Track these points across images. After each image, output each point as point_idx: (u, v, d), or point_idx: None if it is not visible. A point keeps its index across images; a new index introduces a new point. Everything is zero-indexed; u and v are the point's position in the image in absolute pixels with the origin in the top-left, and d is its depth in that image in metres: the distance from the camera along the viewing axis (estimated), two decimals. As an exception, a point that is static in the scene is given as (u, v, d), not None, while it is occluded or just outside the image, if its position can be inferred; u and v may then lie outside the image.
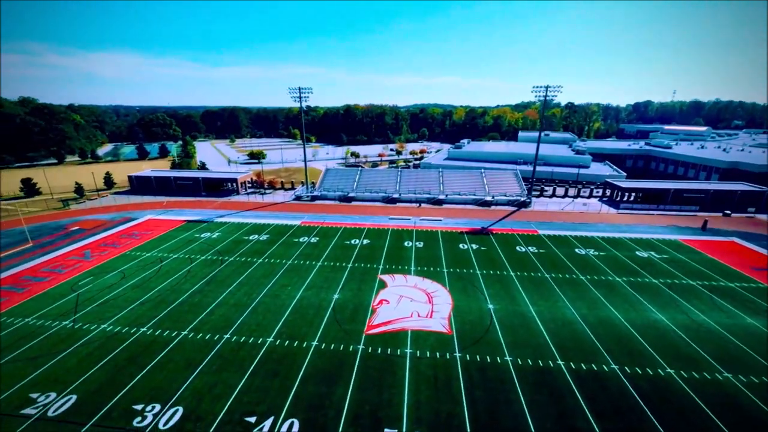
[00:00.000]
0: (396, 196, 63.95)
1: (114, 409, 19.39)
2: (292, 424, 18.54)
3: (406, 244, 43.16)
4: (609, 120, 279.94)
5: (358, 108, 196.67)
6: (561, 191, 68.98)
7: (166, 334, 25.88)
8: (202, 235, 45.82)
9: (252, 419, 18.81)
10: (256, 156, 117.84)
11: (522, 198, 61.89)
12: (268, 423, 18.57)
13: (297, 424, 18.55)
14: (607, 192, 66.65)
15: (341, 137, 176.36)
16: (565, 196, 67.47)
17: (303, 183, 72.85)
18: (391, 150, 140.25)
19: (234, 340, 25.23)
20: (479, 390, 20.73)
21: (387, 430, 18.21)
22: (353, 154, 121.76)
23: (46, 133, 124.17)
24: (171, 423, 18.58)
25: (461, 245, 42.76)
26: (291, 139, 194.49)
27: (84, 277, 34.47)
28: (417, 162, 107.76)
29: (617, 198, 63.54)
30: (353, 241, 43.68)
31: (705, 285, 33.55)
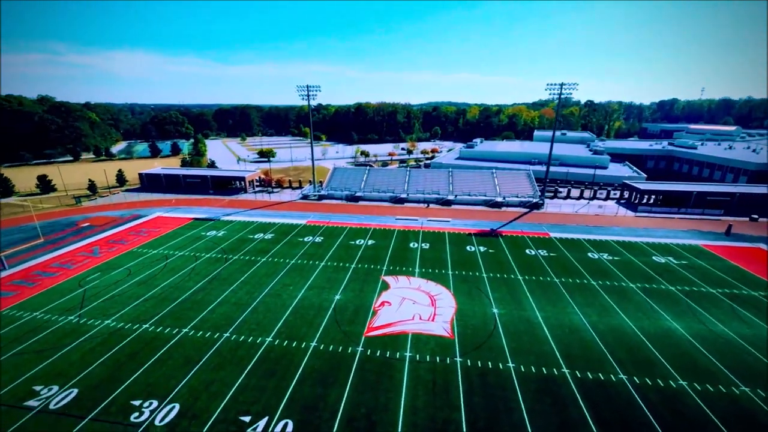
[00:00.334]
0: (404, 196, 63.84)
1: (112, 404, 19.96)
2: (286, 424, 18.72)
3: (411, 245, 43.03)
4: (631, 119, 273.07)
5: (369, 106, 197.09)
6: (576, 193, 67.59)
7: (167, 331, 26.49)
8: (208, 233, 46.73)
9: (246, 419, 19.08)
10: (265, 154, 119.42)
11: (534, 199, 60.90)
12: (262, 423, 18.80)
13: (291, 425, 18.72)
14: (625, 194, 64.96)
15: (352, 136, 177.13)
16: (581, 197, 66.06)
17: (311, 182, 73.48)
18: (402, 149, 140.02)
19: (233, 338, 25.64)
20: (478, 396, 20.50)
21: (381, 434, 18.20)
22: (363, 153, 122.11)
23: (62, 131, 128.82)
24: (167, 420, 19.01)
25: (468, 247, 42.38)
26: (302, 138, 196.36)
27: (91, 273, 35.61)
28: (428, 161, 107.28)
29: (635, 200, 61.84)
30: (358, 242, 43.81)
31: (726, 293, 32.33)
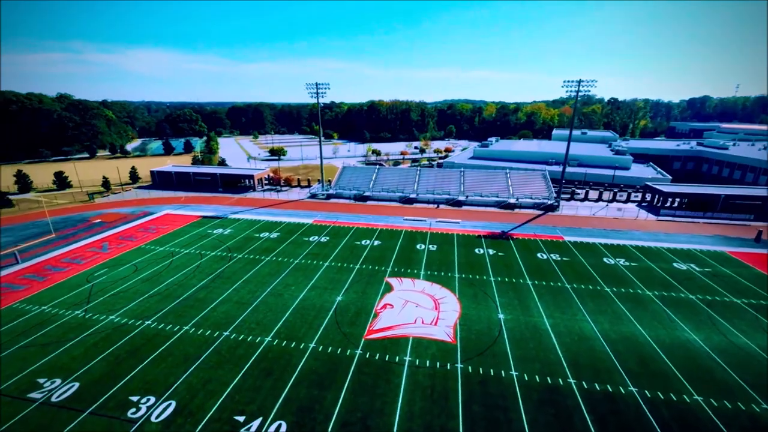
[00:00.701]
0: (413, 196, 63.64)
1: (111, 399, 20.60)
2: (279, 426, 18.92)
3: (418, 246, 42.86)
4: (659, 117, 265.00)
5: (382, 104, 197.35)
6: (594, 195, 65.95)
7: (168, 328, 27.16)
8: (214, 231, 47.70)
9: (241, 418, 19.37)
10: (276, 152, 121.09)
11: (549, 201, 59.74)
12: (256, 423, 19.05)
13: (284, 426, 18.91)
14: (647, 196, 63.00)
15: (364, 134, 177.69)
16: (599, 200, 64.42)
17: (319, 181, 74.09)
18: (415, 148, 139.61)
19: (233, 337, 26.08)
20: (478, 405, 20.24)
21: (375, 439, 18.19)
22: (374, 151, 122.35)
23: (79, 128, 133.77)
24: (163, 416, 19.48)
25: (477, 250, 41.91)
26: (314, 136, 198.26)
27: (99, 269, 36.85)
28: (441, 161, 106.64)
29: (658, 203, 59.90)
30: (364, 242, 43.91)
31: (751, 304, 30.96)
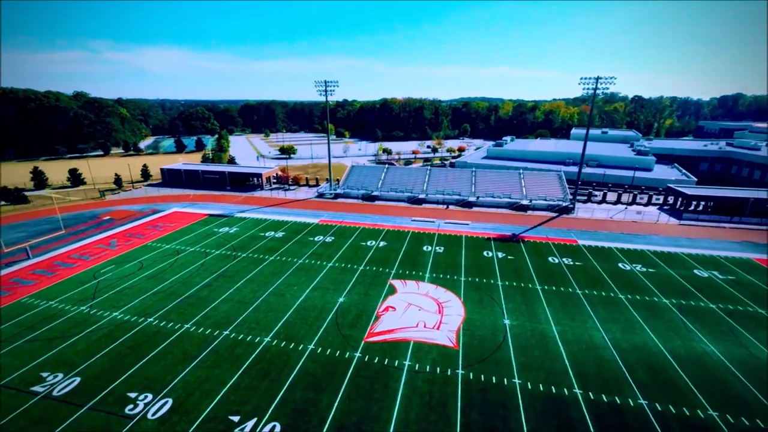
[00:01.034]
0: (422, 196, 63.40)
1: (110, 395, 21.20)
2: (273, 427, 19.11)
3: (425, 248, 42.66)
4: (687, 116, 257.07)
5: (395, 102, 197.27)
6: (613, 197, 64.37)
7: (170, 326, 27.78)
8: (220, 230, 48.56)
9: (236, 418, 19.66)
10: (286, 151, 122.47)
11: (564, 203, 58.60)
12: (250, 424, 19.30)
13: (279, 427, 19.10)
14: (670, 199, 61.12)
15: (376, 132, 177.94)
16: (618, 202, 62.84)
17: (328, 180, 74.57)
18: (428, 147, 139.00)
19: (232, 336, 26.50)
20: (476, 413, 20.00)
21: (369, 445, 18.19)
22: (385, 150, 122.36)
23: (94, 126, 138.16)
24: (159, 414, 19.94)
25: (486, 253, 41.45)
26: (325, 134, 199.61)
27: (106, 266, 37.98)
28: (453, 160, 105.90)
29: (681, 207, 58.05)
30: (369, 243, 43.97)
31: (778, 315, 29.68)
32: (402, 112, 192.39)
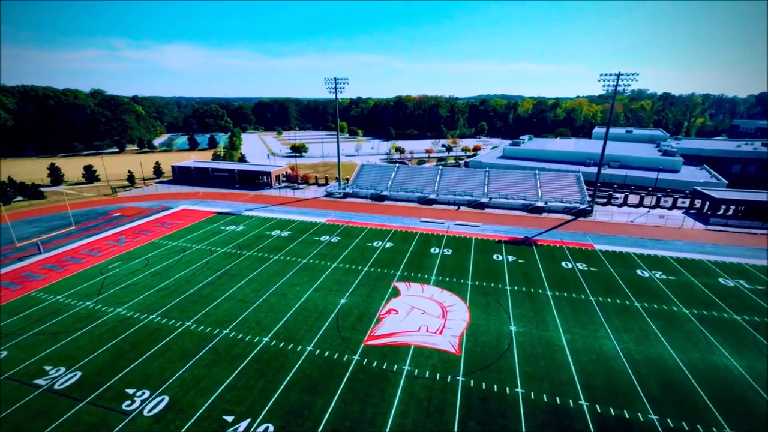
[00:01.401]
0: (433, 197, 63.04)
1: (109, 390, 21.86)
2: (267, 429, 19.33)
3: (432, 250, 42.40)
4: (721, 115, 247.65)
5: (409, 99, 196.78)
6: (635, 199, 62.53)
7: (171, 323, 28.46)
8: (227, 228, 49.47)
9: (229, 418, 19.97)
10: (298, 149, 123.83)
11: (582, 205, 57.28)
12: (243, 425, 19.57)
13: (272, 429, 19.30)
14: (696, 203, 58.96)
15: (390, 131, 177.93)
16: (640, 205, 61.00)
17: (337, 179, 75.01)
18: (442, 146, 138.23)
19: (231, 336, 26.94)
20: (475, 422, 19.74)
21: (361, 450, 18.19)
22: (398, 149, 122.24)
23: (110, 123, 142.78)
24: (155, 411, 20.44)
25: (496, 256, 40.90)
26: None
27: (114, 261, 39.21)
28: (468, 160, 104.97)
29: (708, 211, 55.92)
30: (375, 244, 44.00)
31: (809, 329, 28.24)
32: (416, 109, 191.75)
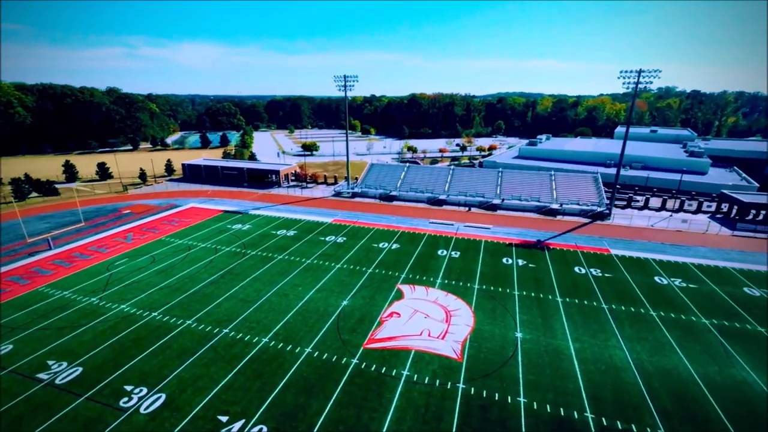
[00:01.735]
0: (443, 197, 62.64)
1: (108, 386, 22.47)
2: (260, 430, 19.53)
3: (440, 252, 42.12)
4: (756, 114, 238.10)
5: (423, 97, 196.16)
6: (656, 202, 60.78)
7: (172, 321, 29.07)
8: (233, 227, 50.26)
9: (224, 419, 20.26)
10: (309, 147, 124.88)
11: (599, 208, 55.98)
12: (237, 425, 19.83)
13: (265, 430, 19.49)
14: (723, 207, 56.90)
15: (403, 129, 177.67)
16: (662, 208, 59.25)
17: (346, 178, 75.29)
18: (456, 145, 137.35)
19: (231, 335, 27.33)
20: (473, 430, 19.49)
21: (354, 456, 18.18)
22: (410, 148, 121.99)
23: (125, 121, 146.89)
24: (151, 408, 20.90)
25: (505, 259, 40.35)
26: (350, 131, 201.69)
27: (120, 258, 40.31)
28: (482, 160, 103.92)
29: (736, 215, 53.89)
30: (381, 245, 43.99)
31: (841, 343, 26.89)
32: (431, 108, 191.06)
